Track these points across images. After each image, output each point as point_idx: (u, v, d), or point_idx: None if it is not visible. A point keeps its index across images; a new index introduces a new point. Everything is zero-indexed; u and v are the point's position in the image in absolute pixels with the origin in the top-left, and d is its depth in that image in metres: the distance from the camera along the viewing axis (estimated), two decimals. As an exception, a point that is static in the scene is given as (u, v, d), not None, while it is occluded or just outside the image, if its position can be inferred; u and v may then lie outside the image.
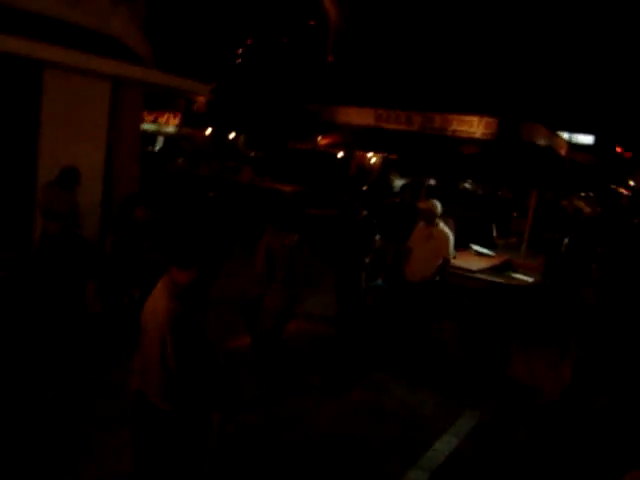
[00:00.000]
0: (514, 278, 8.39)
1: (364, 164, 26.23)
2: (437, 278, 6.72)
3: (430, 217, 6.67)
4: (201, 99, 25.97)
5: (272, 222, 5.53)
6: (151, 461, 3.03)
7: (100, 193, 8.58)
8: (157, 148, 23.88)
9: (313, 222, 13.67)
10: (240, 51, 29.30)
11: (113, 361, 5.36)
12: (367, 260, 7.10)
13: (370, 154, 25.97)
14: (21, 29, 7.23)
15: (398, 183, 23.86)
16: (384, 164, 25.80)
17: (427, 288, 6.70)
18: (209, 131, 25.82)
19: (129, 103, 9.57)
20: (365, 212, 7.17)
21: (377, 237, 7.09)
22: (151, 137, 23.85)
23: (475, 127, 20.08)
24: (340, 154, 24.70)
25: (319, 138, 23.00)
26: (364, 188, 20.01)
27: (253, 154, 24.77)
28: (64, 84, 8.11)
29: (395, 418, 5.18)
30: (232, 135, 26.45)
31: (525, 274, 8.59)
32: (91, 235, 7.00)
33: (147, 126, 22.67)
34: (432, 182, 19.16)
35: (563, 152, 23.38)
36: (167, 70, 9.24)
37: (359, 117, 22.89)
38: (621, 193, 28.80)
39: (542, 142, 20.57)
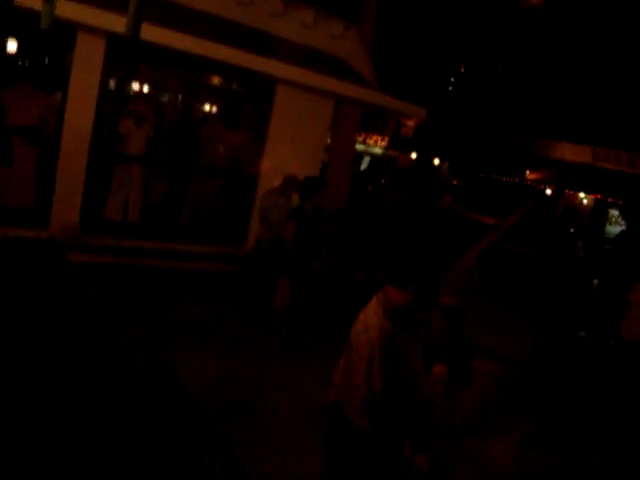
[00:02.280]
0: None
1: (574, 204, 24.37)
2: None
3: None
4: (410, 123, 26.30)
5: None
6: (337, 474, 3.03)
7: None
8: (362, 167, 24.64)
9: (512, 259, 12.97)
10: (452, 79, 29.16)
11: (299, 364, 5.58)
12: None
13: (582, 194, 24.08)
14: (260, 49, 7.93)
15: (611, 229, 21.78)
16: (597, 206, 23.73)
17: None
18: (414, 155, 26.01)
19: (348, 121, 9.99)
20: (582, 254, 6.60)
21: (595, 281, 6.47)
22: (358, 156, 24.70)
23: None
24: (548, 191, 23.25)
25: (527, 172, 21.92)
26: (571, 230, 18.61)
27: (456, 182, 24.40)
28: (292, 99, 8.71)
29: None
30: (436, 161, 26.35)
31: None
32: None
33: (356, 146, 23.52)
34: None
35: None
36: (387, 92, 9.47)
37: (574, 154, 21.41)
38: None
39: None
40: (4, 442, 3.47)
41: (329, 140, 10.61)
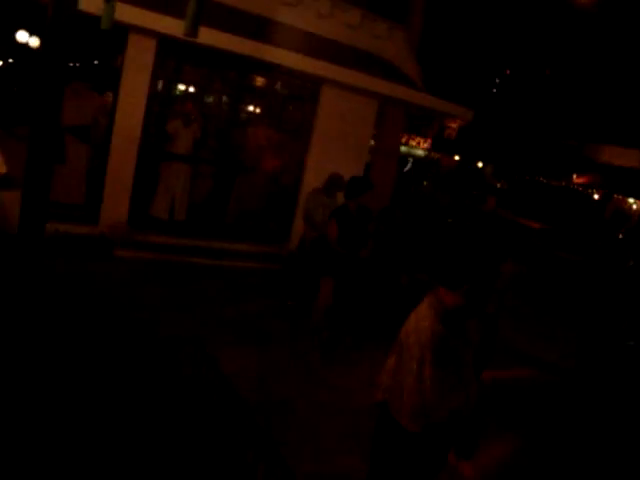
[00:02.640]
0: None
1: (623, 209, 23.68)
2: None
3: None
4: (453, 126, 26.01)
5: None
6: (382, 475, 3.01)
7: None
8: (405, 169, 24.51)
9: (560, 265, 12.67)
10: (497, 81, 28.70)
11: (341, 364, 5.57)
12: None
13: (631, 199, 23.40)
14: (306, 49, 7.96)
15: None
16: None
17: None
18: (457, 158, 25.71)
19: (393, 122, 9.95)
20: (632, 262, 6.41)
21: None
22: (401, 158, 24.58)
23: None
24: (596, 196, 22.65)
25: (574, 176, 21.41)
26: (620, 236, 18.08)
27: (499, 185, 24.00)
28: (337, 100, 8.70)
29: None
30: (480, 164, 25.97)
31: None
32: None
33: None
34: None
35: None
36: (432, 93, 9.38)
37: (623, 158, 20.83)
38: None
39: None
40: (54, 430, 3.57)
41: (373, 141, 10.57)
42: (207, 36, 6.50)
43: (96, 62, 11.27)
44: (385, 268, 6.39)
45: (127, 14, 6.29)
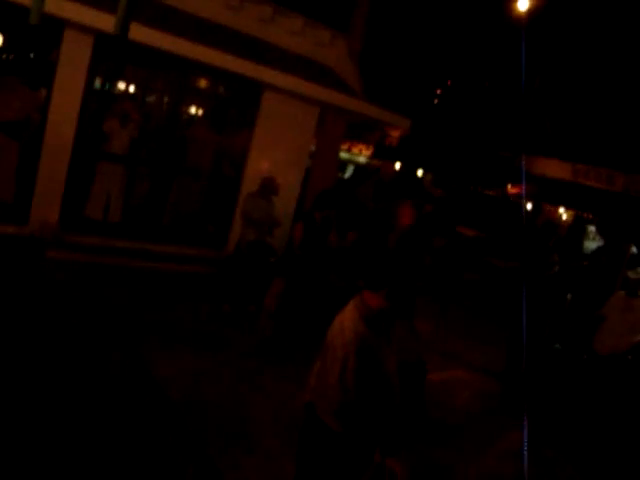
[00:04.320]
0: None
1: (553, 219, 24.73)
2: (630, 357, 6.05)
3: (636, 288, 6.10)
4: (395, 134, 26.48)
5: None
6: (308, 476, 3.05)
7: (293, 209, 9.08)
8: (346, 175, 24.75)
9: (492, 271, 13.12)
10: (439, 91, 29.43)
11: (278, 368, 5.60)
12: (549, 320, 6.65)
13: (561, 209, 24.47)
14: (248, 53, 7.98)
15: (590, 244, 22.12)
16: (576, 222, 24.13)
17: (616, 365, 6.06)
18: (398, 165, 26.18)
19: (333, 129, 10.06)
20: (557, 268, 6.73)
21: (568, 296, 6.62)
22: (342, 164, 24.80)
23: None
24: (529, 205, 23.56)
25: (509, 186, 22.21)
26: (550, 244, 18.84)
27: (439, 193, 24.59)
28: (278, 105, 8.74)
29: None
30: (420, 172, 26.55)
31: None
32: (278, 244, 7.43)
33: (341, 154, 23.63)
34: (634, 250, 17.47)
35: None
36: (372, 101, 9.56)
37: (554, 169, 21.76)
38: None
39: None
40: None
41: (314, 146, 10.66)
42: (144, 35, 6.46)
43: (30, 56, 10.89)
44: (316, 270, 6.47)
45: (62, 8, 6.15)
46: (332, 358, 2.74)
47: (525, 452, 5.14)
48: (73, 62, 7.13)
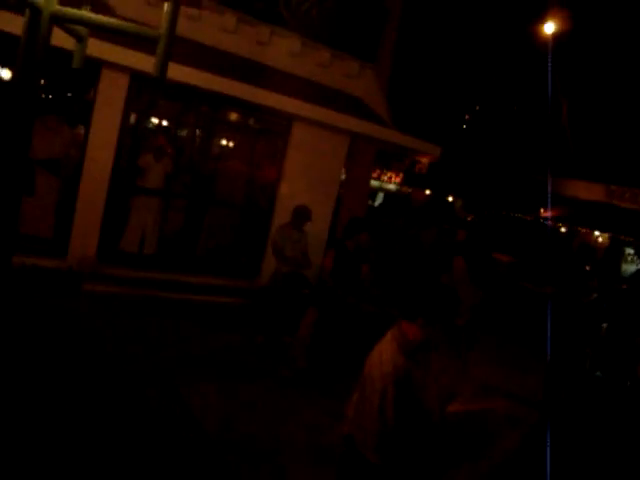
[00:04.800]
0: None
1: (589, 242, 24.25)
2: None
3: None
4: (424, 160, 26.46)
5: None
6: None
7: (325, 239, 9.11)
8: (377, 203, 24.80)
9: (526, 297, 12.88)
10: (467, 117, 29.42)
11: (313, 399, 5.54)
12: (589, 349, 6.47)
13: (597, 232, 24.00)
14: (278, 87, 8.13)
15: (627, 268, 21.60)
16: (612, 244, 23.63)
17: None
18: (428, 192, 26.15)
19: (363, 158, 10.13)
20: (595, 295, 6.58)
21: (604, 325, 6.44)
22: (372, 192, 24.89)
23: None
24: (563, 229, 23.20)
25: (542, 210, 21.93)
26: (587, 268, 18.46)
27: (470, 218, 24.42)
28: (308, 135, 8.86)
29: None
30: (450, 198, 26.45)
31: None
32: (311, 274, 7.44)
33: (371, 182, 23.70)
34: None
35: None
36: (401, 130, 9.61)
37: (588, 192, 21.47)
38: None
39: None
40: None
41: (344, 176, 10.74)
42: (179, 73, 6.63)
43: (68, 95, 11.29)
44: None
45: (100, 50, 6.37)
46: (371, 390, 2.71)
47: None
48: (110, 100, 7.37)
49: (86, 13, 2.40)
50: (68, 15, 2.34)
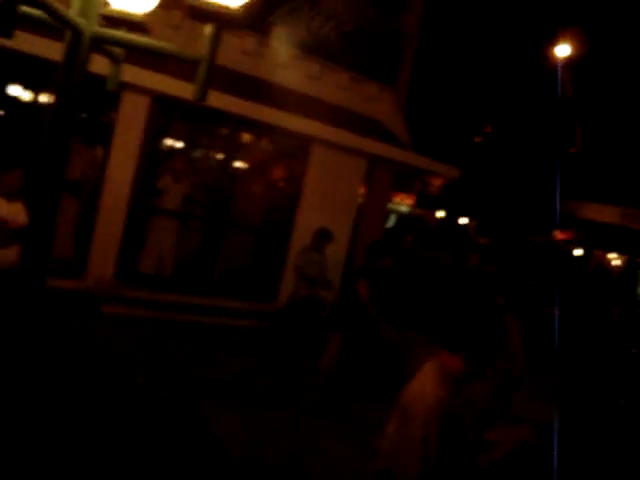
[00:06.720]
0: None
1: (604, 264, 24.01)
2: None
3: None
4: (436, 182, 26.42)
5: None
6: None
7: (344, 260, 9.03)
8: (389, 225, 24.71)
9: (543, 320, 12.66)
10: (480, 139, 29.42)
11: (337, 426, 5.41)
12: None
13: (612, 254, 23.79)
14: (297, 109, 8.12)
15: (644, 290, 21.37)
16: (628, 267, 23.39)
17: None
18: (441, 214, 26.05)
19: (381, 180, 10.08)
20: (618, 320, 6.45)
21: (634, 351, 6.29)
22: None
23: None
24: (578, 251, 23.00)
25: (556, 232, 21.78)
26: (606, 292, 18.27)
27: (483, 241, 24.26)
28: (327, 158, 8.83)
29: None
30: (464, 220, 26.33)
31: None
32: (331, 296, 7.35)
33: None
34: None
35: None
36: (417, 150, 9.57)
37: (602, 214, 21.33)
38: None
39: None
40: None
41: (362, 197, 10.68)
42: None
43: (83, 115, 11.33)
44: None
45: (123, 72, 6.38)
46: (412, 425, 2.60)
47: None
48: (130, 122, 7.39)
49: (125, 34, 2.36)
50: (107, 36, 2.31)
